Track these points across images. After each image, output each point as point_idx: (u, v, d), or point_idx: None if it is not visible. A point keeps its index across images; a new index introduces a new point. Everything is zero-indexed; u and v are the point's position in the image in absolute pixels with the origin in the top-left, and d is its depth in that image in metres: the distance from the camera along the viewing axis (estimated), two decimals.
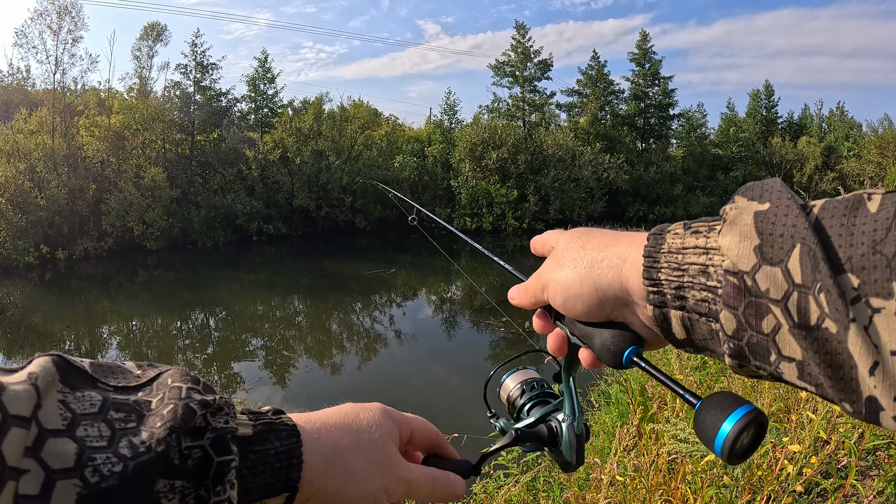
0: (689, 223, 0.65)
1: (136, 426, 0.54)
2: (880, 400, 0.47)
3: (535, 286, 0.81)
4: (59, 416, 0.49)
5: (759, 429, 0.58)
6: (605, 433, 5.29)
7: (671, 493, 3.49)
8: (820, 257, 0.50)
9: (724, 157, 50.74)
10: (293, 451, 0.65)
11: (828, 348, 0.50)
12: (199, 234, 33.32)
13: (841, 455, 3.75)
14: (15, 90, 37.42)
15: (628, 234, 0.73)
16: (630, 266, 0.68)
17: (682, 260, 0.62)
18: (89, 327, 18.87)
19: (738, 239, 0.56)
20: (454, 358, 13.74)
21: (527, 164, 40.46)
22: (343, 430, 0.73)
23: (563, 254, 0.77)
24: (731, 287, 0.56)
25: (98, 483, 0.47)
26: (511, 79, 47.71)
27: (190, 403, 0.57)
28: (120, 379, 0.59)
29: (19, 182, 28.13)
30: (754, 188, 0.59)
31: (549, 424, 0.85)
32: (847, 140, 54.76)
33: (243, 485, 0.60)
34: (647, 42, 50.41)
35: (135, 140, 34.12)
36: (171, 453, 0.53)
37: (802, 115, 63.06)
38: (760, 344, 0.55)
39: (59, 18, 32.96)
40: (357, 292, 22.81)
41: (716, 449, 0.57)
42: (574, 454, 0.83)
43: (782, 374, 0.55)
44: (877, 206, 0.50)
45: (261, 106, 41.39)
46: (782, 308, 0.52)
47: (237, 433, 0.61)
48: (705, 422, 0.59)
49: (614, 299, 0.70)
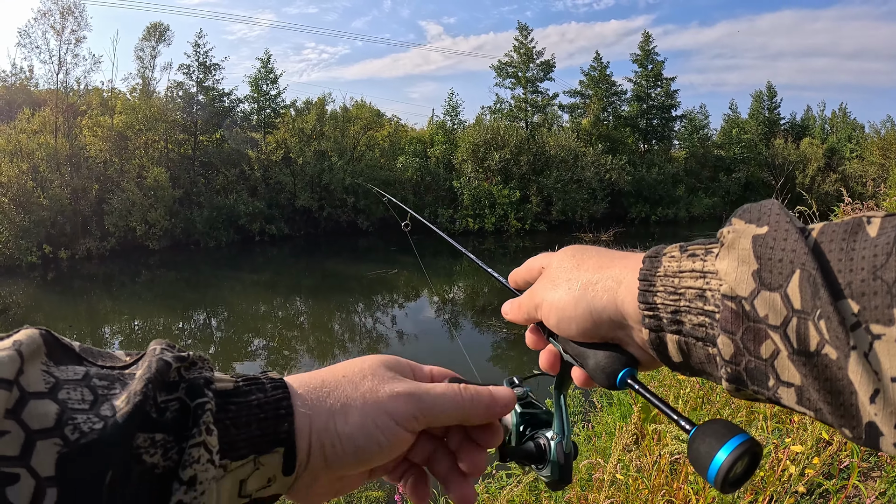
0: (685, 245, 0.65)
1: (118, 392, 0.52)
2: (880, 426, 0.47)
3: (529, 304, 0.80)
4: (42, 381, 0.48)
5: (753, 458, 0.57)
6: (607, 434, 5.29)
7: (673, 494, 3.48)
8: (820, 283, 0.49)
9: (726, 159, 50.75)
10: (280, 401, 0.60)
11: (827, 374, 0.49)
12: (201, 235, 33.33)
13: (843, 456, 3.74)
14: (18, 90, 37.43)
15: (623, 255, 0.73)
16: (625, 289, 0.67)
17: (679, 284, 0.62)
18: (91, 327, 18.88)
19: (736, 263, 0.56)
20: (456, 359, 13.72)
21: (529, 165, 40.42)
22: (329, 372, 0.67)
23: (558, 273, 0.76)
24: (728, 312, 0.56)
25: (78, 440, 0.46)
26: (513, 80, 47.72)
27: (163, 357, 0.56)
28: (108, 361, 0.56)
29: (22, 182, 28.15)
30: (752, 210, 0.59)
31: (538, 441, 0.84)
32: (850, 141, 54.71)
33: (226, 438, 0.55)
34: (649, 43, 50.43)
35: (137, 140, 34.12)
36: (147, 406, 0.51)
37: (805, 116, 63.04)
38: (758, 369, 0.55)
39: (62, 18, 33.01)
40: (359, 293, 22.81)
41: (709, 478, 0.57)
42: (562, 472, 0.82)
43: (780, 398, 0.54)
44: (876, 230, 0.49)
45: (263, 106, 41.35)
46: (781, 334, 0.52)
47: (214, 385, 0.57)
48: (699, 450, 0.58)
49: (609, 322, 0.70)
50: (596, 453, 4.63)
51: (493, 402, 0.69)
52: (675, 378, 5.53)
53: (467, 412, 0.68)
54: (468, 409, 0.68)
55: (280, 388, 0.61)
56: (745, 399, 0.60)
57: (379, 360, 0.69)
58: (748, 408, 4.55)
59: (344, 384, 0.65)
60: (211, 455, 0.53)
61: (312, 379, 0.65)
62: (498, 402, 0.70)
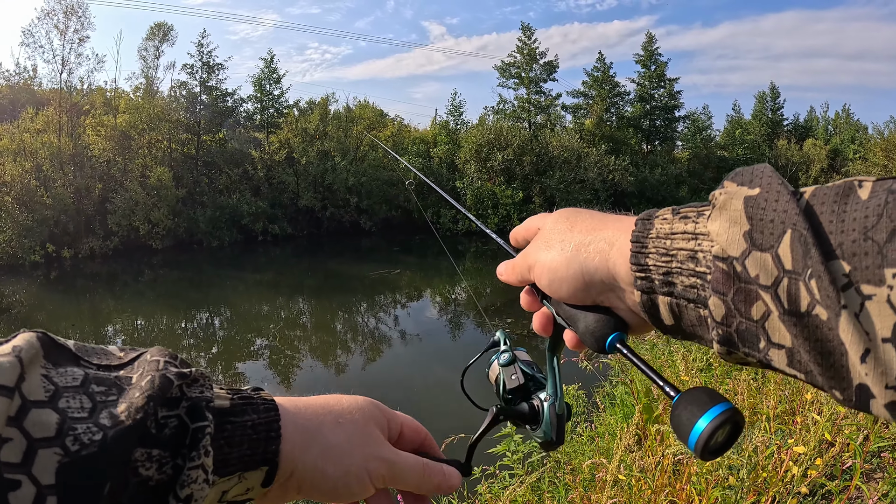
0: (677, 208, 0.65)
1: (116, 399, 0.53)
2: (871, 388, 0.46)
3: (522, 265, 0.81)
4: (42, 388, 0.49)
5: (735, 427, 0.58)
6: (609, 434, 5.29)
7: (676, 494, 3.48)
8: (811, 243, 0.49)
9: (729, 160, 50.66)
10: (271, 423, 0.63)
11: (818, 335, 0.49)
12: (204, 234, 33.40)
13: (846, 457, 3.74)
14: (22, 89, 37.59)
15: (616, 218, 0.74)
16: (617, 251, 0.68)
17: (671, 245, 0.62)
18: (94, 326, 18.92)
19: (727, 224, 0.56)
20: (458, 358, 13.72)
21: (532, 166, 40.40)
22: (323, 408, 0.71)
23: (551, 235, 0.77)
24: (720, 273, 0.56)
25: (78, 451, 0.47)
26: (517, 80, 47.69)
27: (167, 374, 0.57)
28: (103, 359, 0.58)
29: (25, 181, 28.23)
30: (744, 173, 0.59)
31: (531, 402, 0.85)
32: (853, 143, 54.69)
33: (220, 455, 0.58)
34: (653, 44, 50.43)
35: (141, 140, 34.17)
36: (147, 422, 0.53)
37: (808, 117, 63.05)
38: (749, 331, 0.55)
39: (65, 18, 33.12)
40: (362, 293, 22.81)
41: (690, 445, 0.57)
42: (555, 432, 0.83)
43: (771, 360, 0.54)
44: (868, 193, 0.49)
45: (267, 106, 41.39)
46: (772, 294, 0.52)
47: (213, 404, 0.59)
48: (681, 417, 0.59)
49: (600, 283, 0.70)
50: (599, 453, 4.63)
51: (442, 484, 0.76)
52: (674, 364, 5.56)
53: (421, 486, 0.75)
54: (424, 485, 0.75)
55: (272, 410, 0.64)
56: (736, 363, 0.60)
57: (370, 413, 0.74)
58: (751, 408, 4.55)
59: (339, 432, 0.69)
60: (206, 475, 0.55)
61: (309, 410, 0.70)
62: (444, 486, 0.76)
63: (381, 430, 0.74)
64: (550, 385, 0.84)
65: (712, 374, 5.71)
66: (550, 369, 0.84)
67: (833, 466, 3.71)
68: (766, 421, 4.14)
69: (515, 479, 4.23)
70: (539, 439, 0.85)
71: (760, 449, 3.58)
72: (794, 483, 3.42)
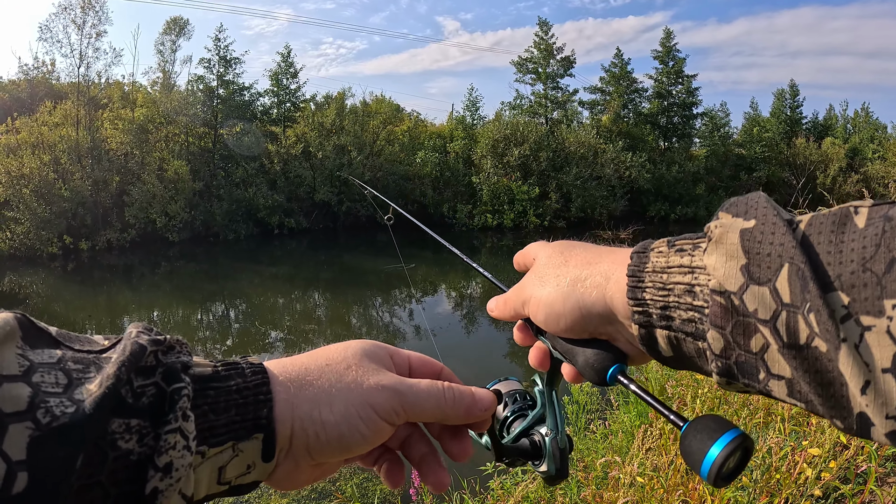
0: (672, 240, 0.65)
1: (93, 376, 0.51)
2: (872, 418, 0.47)
3: (516, 300, 0.80)
4: (17, 363, 0.48)
5: (745, 452, 0.58)
6: (623, 432, 5.27)
7: (689, 494, 3.47)
8: (808, 276, 0.49)
9: (747, 158, 50.20)
10: (259, 386, 0.59)
11: (818, 367, 0.50)
12: (220, 227, 33.56)
13: (860, 461, 3.72)
14: (40, 83, 37.82)
15: (611, 251, 0.73)
16: (614, 285, 0.67)
17: (668, 279, 0.62)
18: (111, 317, 19.03)
19: (724, 258, 0.56)
20: (471, 354, 13.71)
21: (548, 162, 40.29)
22: (309, 357, 0.67)
23: (545, 270, 0.76)
24: (717, 307, 0.56)
25: (49, 423, 0.46)
26: (534, 75, 47.52)
27: (138, 340, 0.55)
28: (85, 345, 0.56)
29: (44, 173, 28.39)
30: (739, 204, 0.59)
31: (533, 438, 0.84)
32: (872, 142, 54.08)
33: (205, 423, 0.55)
34: (670, 40, 50.00)
35: (158, 133, 34.38)
36: (121, 390, 0.51)
37: (827, 115, 62.34)
38: (749, 363, 0.55)
39: (82, 13, 33.18)
40: (376, 287, 22.86)
41: (702, 473, 0.58)
42: (558, 466, 0.82)
43: (771, 391, 0.55)
44: (864, 221, 0.49)
45: (283, 100, 41.51)
46: (771, 328, 0.52)
47: (192, 370, 0.57)
48: (692, 446, 0.59)
49: (598, 317, 0.70)
50: (612, 451, 4.62)
51: (473, 405, 0.70)
52: (693, 377, 5.52)
53: (447, 412, 0.68)
54: (449, 409, 0.68)
55: (260, 373, 0.61)
56: (737, 391, 0.60)
57: (361, 348, 0.69)
58: (766, 409, 4.52)
59: (328, 373, 0.65)
60: (187, 441, 0.52)
61: (294, 365, 0.65)
62: (478, 405, 0.70)
63: (379, 362, 0.69)
64: (550, 419, 0.83)
65: None
66: (550, 404, 0.84)
67: (847, 470, 3.69)
68: (781, 422, 4.12)
69: (528, 475, 4.23)
70: (543, 474, 0.84)
71: (774, 450, 3.56)
72: (808, 485, 3.41)
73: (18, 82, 38.41)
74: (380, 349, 0.71)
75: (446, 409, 0.68)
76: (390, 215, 2.53)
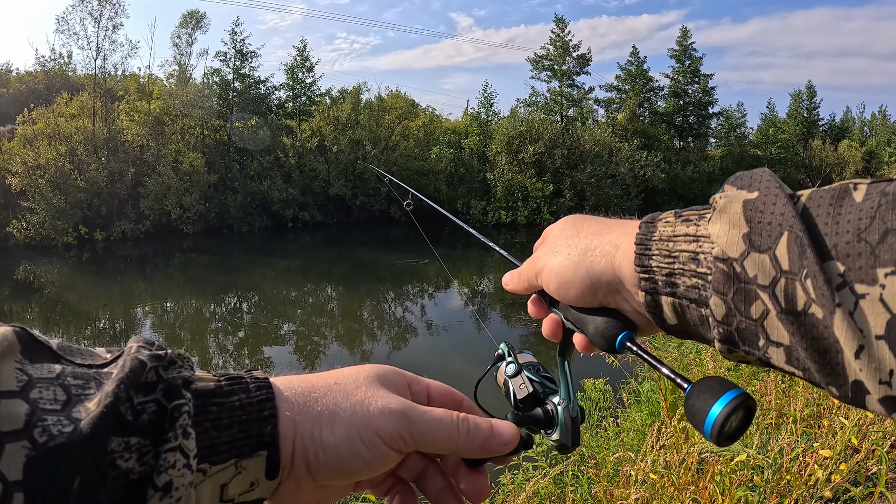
0: (679, 211, 0.67)
1: (93, 393, 0.50)
2: (866, 384, 0.48)
3: (529, 272, 0.83)
4: (15, 379, 0.47)
5: (748, 412, 0.59)
6: (635, 431, 5.26)
7: (699, 493, 3.45)
8: (807, 244, 0.51)
9: (763, 158, 49.93)
10: (263, 402, 0.57)
11: (814, 333, 0.51)
12: (234, 220, 33.74)
13: (871, 463, 3.69)
14: (57, 75, 38.14)
15: (621, 223, 0.75)
16: (622, 254, 0.69)
17: (673, 247, 0.64)
18: (124, 307, 19.20)
19: (727, 227, 0.58)
20: (482, 351, 13.70)
21: (563, 159, 40.16)
22: (318, 377, 0.64)
23: (557, 241, 0.79)
24: (720, 274, 0.58)
25: (46, 443, 0.45)
26: (549, 73, 47.40)
27: (138, 356, 0.54)
28: (87, 359, 0.54)
29: (60, 164, 28.67)
30: (743, 178, 0.61)
31: (545, 407, 0.84)
32: (889, 145, 53.76)
33: (207, 440, 0.53)
34: (687, 38, 49.79)
35: (174, 125, 34.56)
36: (121, 408, 0.49)
37: (844, 117, 62.11)
38: (749, 329, 0.56)
39: (99, 6, 33.53)
40: (389, 282, 22.92)
41: (705, 431, 0.59)
42: (570, 436, 0.82)
43: (770, 358, 0.56)
44: (862, 196, 0.51)
45: (299, 94, 41.60)
46: (770, 294, 0.53)
47: (194, 385, 0.55)
48: (695, 405, 0.60)
49: (607, 286, 0.72)
50: (623, 449, 4.61)
51: (490, 438, 0.66)
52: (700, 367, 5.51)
53: (460, 444, 0.65)
54: (462, 441, 0.65)
55: (264, 388, 0.59)
56: (737, 361, 0.61)
57: (375, 371, 0.67)
58: (778, 410, 4.50)
59: (335, 391, 0.62)
60: (188, 459, 0.51)
61: (301, 382, 0.63)
62: (496, 439, 0.67)
63: (394, 390, 0.66)
64: (563, 389, 0.84)
65: (740, 374, 5.65)
66: (562, 373, 0.85)
67: (857, 472, 3.66)
68: (793, 423, 4.10)
69: (539, 472, 4.22)
70: (555, 443, 0.84)
71: (786, 451, 3.54)
72: (818, 487, 3.38)
73: (35, 74, 38.79)
74: (396, 375, 0.69)
75: (459, 441, 0.64)
76: (409, 201, 2.55)
